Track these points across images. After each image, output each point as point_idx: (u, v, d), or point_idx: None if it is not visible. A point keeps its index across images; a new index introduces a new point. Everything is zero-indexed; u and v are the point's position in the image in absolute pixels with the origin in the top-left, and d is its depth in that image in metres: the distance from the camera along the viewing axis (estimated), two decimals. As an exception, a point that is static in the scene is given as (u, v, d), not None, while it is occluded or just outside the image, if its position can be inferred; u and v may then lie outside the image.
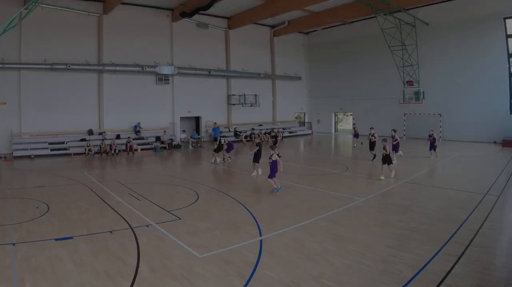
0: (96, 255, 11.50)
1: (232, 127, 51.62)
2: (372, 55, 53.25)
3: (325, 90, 61.43)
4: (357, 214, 15.86)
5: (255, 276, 10.07)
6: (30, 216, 15.70)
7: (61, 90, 39.41)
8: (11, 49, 35.82)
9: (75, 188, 21.75)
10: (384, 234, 13.26)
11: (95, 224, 14.53)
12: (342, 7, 46.19)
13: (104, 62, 41.38)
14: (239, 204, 17.63)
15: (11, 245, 12.33)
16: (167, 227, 14.21)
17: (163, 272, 10.35)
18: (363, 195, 19.15)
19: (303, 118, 65.33)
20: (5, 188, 21.83)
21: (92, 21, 41.13)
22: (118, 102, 42.72)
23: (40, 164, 31.98)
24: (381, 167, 23.59)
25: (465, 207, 16.66)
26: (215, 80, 51.23)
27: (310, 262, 10.97)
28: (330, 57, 59.96)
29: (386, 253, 11.48)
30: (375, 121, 50.48)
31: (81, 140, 39.22)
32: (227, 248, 12.08)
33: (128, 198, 19.06)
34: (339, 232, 13.54)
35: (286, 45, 59.57)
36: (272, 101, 58.48)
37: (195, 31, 48.94)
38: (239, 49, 53.23)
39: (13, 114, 36.43)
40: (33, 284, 9.59)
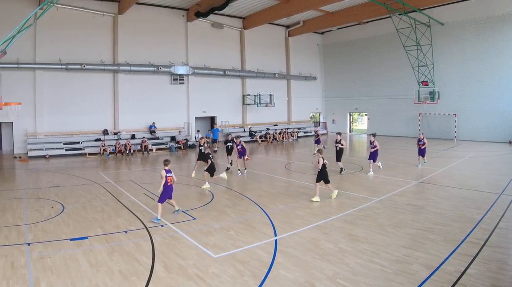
0: (111, 255, 11.53)
1: (247, 127, 51.44)
2: (387, 55, 53.14)
3: (340, 90, 61.33)
4: (372, 214, 15.81)
5: (270, 276, 10.12)
6: (45, 216, 15.75)
7: (76, 90, 39.54)
8: (26, 49, 35.94)
9: (90, 188, 21.79)
10: (399, 234, 13.26)
11: (110, 224, 14.54)
12: (357, 7, 46.17)
13: (119, 62, 41.46)
14: (254, 204, 17.62)
15: (26, 245, 12.35)
16: (182, 227, 14.23)
17: (178, 272, 10.37)
18: (377, 195, 19.15)
19: (318, 118, 65.17)
20: (20, 188, 21.92)
21: (107, 21, 41.23)
22: (133, 102, 42.86)
23: (55, 164, 32.06)
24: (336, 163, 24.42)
25: (480, 207, 16.60)
26: (230, 80, 51.22)
27: (325, 262, 11.00)
28: (345, 57, 59.84)
29: (401, 253, 11.50)
30: (390, 121, 50.62)
31: (96, 140, 39.33)
32: (242, 248, 12.10)
33: (143, 198, 19.11)
34: (354, 232, 13.52)
35: (301, 45, 59.43)
36: (287, 101, 58.40)
37: (210, 31, 48.99)
38: (254, 49, 53.22)
39: (28, 114, 36.51)
40: (48, 284, 9.60)
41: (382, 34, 52.82)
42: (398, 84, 52.05)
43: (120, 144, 38.09)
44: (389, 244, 12.27)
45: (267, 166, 29.83)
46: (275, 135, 49.65)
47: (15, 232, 13.65)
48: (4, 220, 15.18)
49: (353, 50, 58.52)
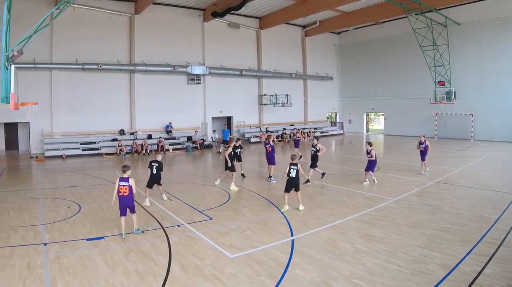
0: (127, 255, 11.58)
1: (264, 127, 51.39)
2: (403, 55, 53.01)
3: (356, 90, 61.23)
4: (388, 214, 15.81)
5: (287, 276, 10.15)
6: (61, 216, 15.80)
7: (92, 90, 39.69)
8: (42, 49, 36.08)
9: (106, 188, 21.80)
10: (416, 234, 13.29)
11: (126, 224, 14.46)
12: (373, 7, 46.12)
13: (135, 62, 41.54)
14: (271, 204, 17.61)
15: (42, 245, 12.38)
16: (199, 227, 14.24)
17: (195, 272, 10.40)
18: (394, 195, 19.12)
19: (335, 118, 65.08)
20: (37, 188, 21.99)
21: (123, 21, 41.37)
22: (149, 102, 42.95)
23: (72, 164, 32.19)
24: (308, 170, 23.25)
25: (496, 207, 16.58)
26: (247, 80, 51.19)
27: (342, 262, 11.02)
28: (362, 57, 59.73)
29: (417, 253, 11.52)
30: (406, 121, 50.50)
31: (112, 140, 39.45)
32: (258, 248, 12.13)
33: (160, 198, 19.08)
34: (370, 232, 13.53)
35: (317, 45, 59.32)
36: (304, 101, 58.28)
37: (227, 31, 48.98)
38: (271, 49, 53.15)
39: (45, 114, 36.65)
40: (64, 284, 9.63)
41: (399, 34, 52.68)
42: (414, 84, 51.88)
43: (136, 143, 38.23)
44: (406, 244, 12.29)
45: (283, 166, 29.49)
46: (291, 135, 49.38)
47: (31, 232, 13.69)
48: (21, 220, 15.23)
49: (369, 50, 58.40)
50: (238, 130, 49.57)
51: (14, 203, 18.17)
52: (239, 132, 49.43)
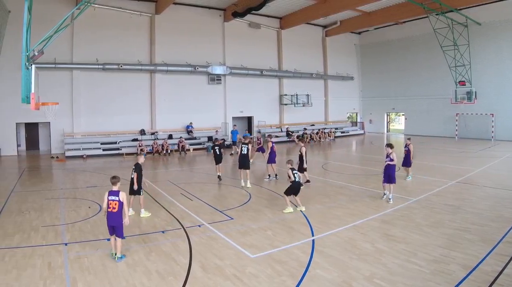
0: (148, 255, 11.60)
1: (284, 127, 51.47)
2: (424, 55, 52.81)
3: (377, 90, 61.04)
4: (409, 214, 15.75)
5: (307, 276, 10.13)
6: (82, 216, 15.84)
7: (113, 90, 39.94)
8: (63, 50, 36.36)
9: (126, 188, 21.78)
10: (436, 234, 13.25)
11: (147, 224, 14.57)
12: (394, 7, 46.01)
13: (156, 62, 41.69)
14: (291, 204, 17.42)
15: (63, 245, 12.43)
16: (219, 227, 14.22)
17: (215, 272, 10.40)
18: (415, 195, 19.09)
19: (355, 118, 64.92)
20: (58, 188, 22.05)
21: (144, 21, 41.56)
22: (170, 102, 43.13)
23: (92, 164, 32.30)
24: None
25: (517, 206, 16.39)
26: (267, 80, 51.21)
27: (362, 262, 11.00)
28: (382, 57, 59.56)
29: (438, 253, 11.48)
30: (427, 121, 50.37)
31: (133, 140, 39.62)
32: (279, 248, 12.11)
33: (181, 198, 19.15)
34: (391, 232, 13.50)
35: (338, 45, 59.21)
36: (324, 101, 58.18)
37: (247, 31, 49.04)
38: (291, 49, 53.04)
39: (65, 114, 36.83)
40: (85, 284, 9.66)
41: (419, 34, 52.46)
42: (435, 84, 51.66)
43: (157, 143, 38.33)
44: (426, 244, 12.25)
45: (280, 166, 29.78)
46: (312, 135, 49.38)
47: (52, 232, 13.74)
48: (41, 220, 15.29)
49: (390, 50, 58.22)
50: (259, 131, 49.40)
51: (34, 203, 18.25)
52: (260, 132, 49.35)
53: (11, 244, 12.52)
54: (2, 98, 34.33)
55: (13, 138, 36.77)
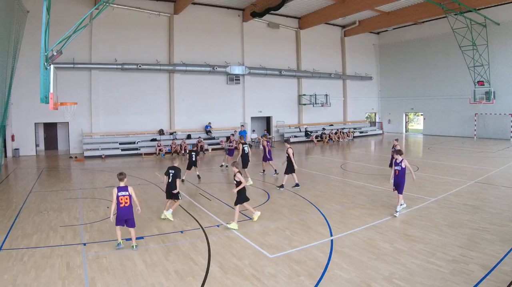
0: (166, 255, 11.62)
1: (303, 127, 51.45)
2: (442, 55, 52.62)
3: (395, 90, 60.84)
4: (427, 214, 15.70)
5: (326, 276, 10.14)
6: (101, 216, 15.88)
7: (131, 90, 40.12)
8: (82, 50, 36.55)
9: (146, 188, 21.91)
10: (455, 234, 13.21)
11: (166, 224, 14.57)
12: (413, 7, 45.89)
13: (175, 62, 41.76)
14: (310, 204, 17.50)
15: (81, 245, 12.49)
16: (238, 227, 14.16)
17: (234, 272, 10.43)
18: (433, 195, 18.99)
19: (374, 118, 64.75)
20: (76, 188, 22.13)
21: (163, 21, 41.67)
22: (189, 102, 43.23)
23: (111, 164, 32.41)
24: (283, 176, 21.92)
25: (536, 206, 16.32)
26: (286, 80, 51.17)
27: (381, 262, 11.00)
28: (401, 57, 59.36)
29: (456, 253, 11.45)
30: (445, 121, 50.20)
31: (151, 140, 39.79)
32: (297, 248, 12.12)
33: (199, 198, 19.20)
34: (409, 232, 13.46)
35: (356, 45, 59.07)
36: (343, 101, 58.09)
37: (266, 31, 49.01)
38: (310, 49, 53.05)
39: (84, 114, 37.14)
40: (104, 284, 9.69)
41: (438, 34, 52.29)
42: (453, 84, 51.52)
43: (176, 144, 38.32)
44: (445, 244, 12.23)
45: (323, 166, 29.69)
46: (331, 135, 49.38)
47: (71, 232, 13.79)
48: (60, 220, 15.35)
49: (408, 50, 58.01)
50: (278, 130, 49.62)
51: (53, 203, 18.35)
52: (279, 132, 49.46)
53: (29, 244, 12.57)
54: (21, 98, 34.52)
55: (31, 138, 36.99)
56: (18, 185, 23.69)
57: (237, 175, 14.70)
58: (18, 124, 35.68)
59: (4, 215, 16.21)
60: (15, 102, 34.44)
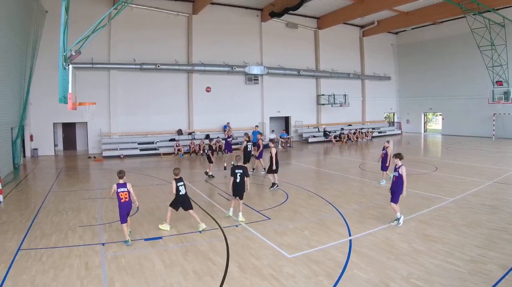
0: (185, 255, 11.61)
1: (321, 127, 51.39)
2: (461, 55, 52.42)
3: (414, 90, 60.62)
4: (446, 214, 15.67)
5: (345, 276, 10.13)
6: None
7: (150, 90, 40.23)
8: (100, 50, 36.70)
9: (164, 188, 21.89)
10: (473, 234, 13.18)
11: (184, 224, 14.57)
12: (431, 7, 45.71)
13: (193, 62, 41.83)
14: (329, 204, 17.49)
15: (100, 245, 12.51)
16: (256, 227, 14.21)
17: (253, 272, 10.42)
18: (452, 195, 18.93)
19: (393, 118, 64.54)
20: (95, 188, 22.21)
21: (181, 21, 41.77)
22: (207, 102, 43.37)
23: (129, 164, 32.50)
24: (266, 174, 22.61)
25: (555, 206, 16.24)
26: (305, 80, 51.08)
27: (399, 262, 10.97)
28: (420, 57, 59.15)
29: (475, 253, 11.42)
30: (464, 121, 50.05)
31: (170, 140, 39.86)
32: (316, 248, 12.10)
33: (218, 198, 19.25)
34: (428, 232, 13.43)
35: (375, 45, 58.89)
36: (361, 101, 57.96)
37: (284, 31, 48.93)
38: (328, 49, 52.92)
39: (103, 114, 37.30)
40: (122, 284, 9.72)
41: (456, 34, 52.06)
42: (472, 84, 51.34)
43: (194, 143, 38.28)
44: (463, 244, 12.20)
45: (341, 166, 29.63)
46: (349, 135, 49.38)
47: (89, 232, 13.83)
48: (78, 220, 15.40)
49: (427, 50, 57.83)
50: (296, 130, 49.64)
51: (72, 203, 18.41)
52: (297, 132, 49.45)
53: (48, 244, 12.61)
54: (39, 99, 34.72)
55: (50, 138, 37.23)
56: (37, 185, 23.83)
57: (172, 184, 14.80)
58: (37, 124, 35.91)
59: (23, 215, 16.28)
60: (34, 102, 34.71)
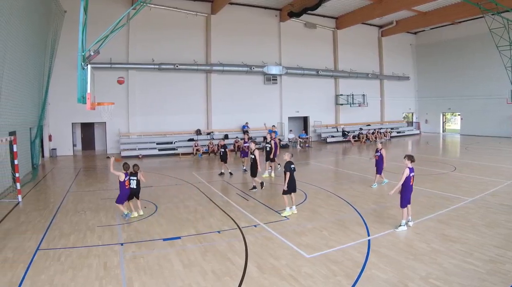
0: (204, 255, 11.61)
1: (340, 127, 51.30)
2: (480, 55, 52.21)
3: (433, 90, 60.42)
4: (464, 214, 15.58)
5: (363, 276, 10.12)
6: (138, 216, 15.92)
7: (168, 90, 40.34)
8: (119, 50, 36.88)
9: (183, 187, 21.97)
10: (492, 234, 13.10)
11: (203, 224, 14.59)
12: (450, 7, 45.50)
13: (212, 62, 41.91)
14: (347, 204, 17.45)
15: (119, 245, 12.52)
16: (275, 227, 14.17)
17: (271, 272, 10.43)
18: (471, 195, 18.79)
19: (411, 118, 64.31)
20: (113, 188, 21.99)
21: (200, 21, 41.85)
22: (226, 102, 43.40)
23: (148, 164, 32.44)
24: None
25: None
26: (323, 80, 51.00)
27: (418, 262, 10.94)
28: (438, 57, 58.95)
29: (494, 253, 11.35)
30: (483, 121, 49.90)
31: (189, 140, 39.90)
32: (335, 248, 12.09)
33: (236, 198, 19.16)
34: (446, 232, 13.35)
35: (393, 45, 58.68)
36: (380, 101, 57.80)
37: (303, 31, 48.91)
38: (347, 49, 52.82)
39: (121, 114, 37.42)
40: (141, 284, 9.74)
41: (475, 34, 51.87)
42: (491, 84, 51.15)
43: (213, 144, 38.19)
44: (482, 244, 12.14)
45: (360, 166, 29.50)
46: (368, 135, 49.36)
47: (108, 232, 13.85)
48: (97, 220, 15.44)
49: (446, 50, 57.64)
50: (315, 130, 49.63)
51: (90, 203, 18.48)
52: (316, 132, 49.42)
53: (67, 244, 12.65)
54: (58, 99, 34.94)
55: (69, 138, 37.46)
56: (56, 185, 23.96)
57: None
58: (56, 124, 36.15)
59: (42, 214, 16.35)
60: (53, 103, 34.91)
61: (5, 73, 20.32)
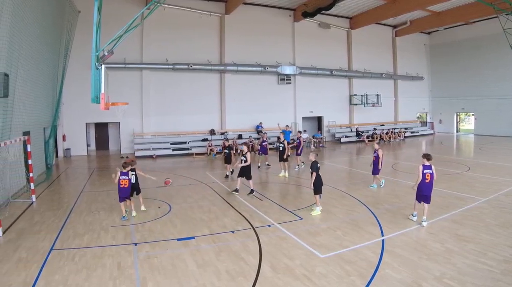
0: (218, 255, 11.63)
1: (354, 127, 51.24)
2: (494, 55, 51.97)
3: (447, 90, 60.20)
4: (478, 214, 15.60)
5: (377, 276, 10.15)
6: (152, 216, 15.95)
7: (182, 90, 40.36)
8: (133, 50, 37.01)
9: (197, 188, 21.99)
10: (506, 234, 13.09)
11: (217, 224, 14.61)
12: (464, 7, 45.42)
13: (226, 62, 41.95)
14: (361, 204, 17.43)
15: (133, 245, 12.55)
16: (289, 227, 14.16)
17: (285, 272, 10.46)
18: (485, 195, 18.75)
19: (425, 118, 64.08)
20: (128, 188, 22.30)
21: (214, 21, 41.92)
22: (239, 102, 43.41)
23: (162, 164, 32.57)
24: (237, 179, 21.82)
25: None
26: (337, 80, 50.94)
27: (432, 262, 10.94)
28: (452, 57, 58.70)
29: (508, 253, 11.37)
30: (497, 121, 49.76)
31: (203, 140, 39.91)
32: (348, 248, 12.13)
33: (250, 198, 19.13)
34: (460, 232, 13.38)
35: (407, 45, 58.50)
36: (394, 101, 57.61)
37: (317, 31, 48.85)
38: (361, 49, 52.72)
39: (135, 114, 37.58)
40: (155, 284, 9.77)
41: (489, 34, 51.56)
42: (505, 84, 51.02)
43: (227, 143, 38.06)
44: (496, 244, 12.14)
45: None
46: (381, 135, 49.25)
47: (122, 232, 13.87)
48: (111, 220, 15.45)
49: (459, 50, 57.45)
50: (329, 130, 49.61)
51: (104, 203, 18.52)
52: (330, 132, 49.37)
53: (81, 244, 12.69)
54: (72, 99, 35.05)
55: (83, 138, 37.59)
56: (69, 185, 24.03)
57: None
58: (70, 124, 36.29)
59: (56, 214, 16.40)
60: (67, 102, 35.04)
61: (20, 73, 20.37)
